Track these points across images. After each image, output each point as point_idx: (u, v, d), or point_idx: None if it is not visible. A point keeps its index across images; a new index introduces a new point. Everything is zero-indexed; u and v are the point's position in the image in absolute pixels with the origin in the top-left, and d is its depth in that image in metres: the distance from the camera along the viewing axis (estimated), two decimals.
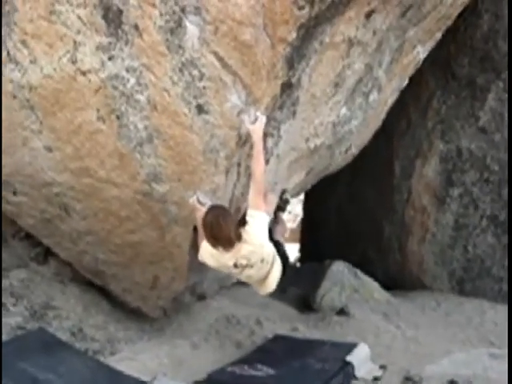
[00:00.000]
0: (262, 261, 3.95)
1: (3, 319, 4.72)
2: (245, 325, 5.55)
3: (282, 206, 4.96)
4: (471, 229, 6.87)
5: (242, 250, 3.85)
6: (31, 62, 4.25)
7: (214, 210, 3.86)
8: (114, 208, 4.55)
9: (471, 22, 6.75)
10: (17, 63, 4.32)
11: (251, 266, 3.93)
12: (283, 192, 4.98)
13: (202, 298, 5.64)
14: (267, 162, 4.24)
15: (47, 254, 5.43)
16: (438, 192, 6.84)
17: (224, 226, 3.76)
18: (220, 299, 5.87)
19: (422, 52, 5.59)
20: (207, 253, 4.00)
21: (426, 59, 5.75)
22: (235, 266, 3.91)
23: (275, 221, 4.80)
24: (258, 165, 3.85)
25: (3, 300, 4.97)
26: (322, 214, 8.40)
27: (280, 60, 3.68)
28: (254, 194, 3.89)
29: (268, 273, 4.06)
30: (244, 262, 3.89)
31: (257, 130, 3.83)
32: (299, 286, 6.68)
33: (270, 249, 4.02)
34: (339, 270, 6.24)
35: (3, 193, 5.02)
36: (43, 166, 4.61)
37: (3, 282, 5.17)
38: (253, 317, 5.68)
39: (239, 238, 3.83)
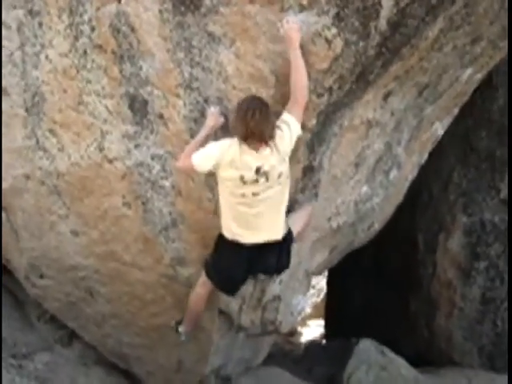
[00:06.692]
0: (280, 176, 3.57)
1: None
2: None
3: None
4: (499, 302, 6.71)
5: (271, 158, 3.50)
6: (59, 149, 4.39)
7: (254, 100, 3.44)
8: (138, 291, 4.58)
9: (487, 95, 6.81)
10: (45, 151, 4.47)
11: (267, 179, 3.51)
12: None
13: (227, 380, 5.52)
14: None
15: (72, 336, 5.45)
16: (463, 266, 6.73)
17: (263, 120, 3.38)
18: (245, 381, 5.73)
19: (440, 128, 5.64)
20: (225, 153, 3.51)
21: (444, 133, 5.80)
22: (257, 171, 3.50)
23: None
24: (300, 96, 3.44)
25: None
26: (347, 289, 8.30)
27: (301, 145, 3.75)
28: (296, 104, 3.47)
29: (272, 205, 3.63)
30: (268, 168, 3.49)
31: (293, 32, 3.31)
32: (325, 364, 6.53)
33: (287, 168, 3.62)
34: (366, 347, 6.10)
35: (30, 276, 5.09)
36: (69, 250, 4.69)
37: (28, 365, 5.18)
38: None
39: (272, 137, 3.46)
